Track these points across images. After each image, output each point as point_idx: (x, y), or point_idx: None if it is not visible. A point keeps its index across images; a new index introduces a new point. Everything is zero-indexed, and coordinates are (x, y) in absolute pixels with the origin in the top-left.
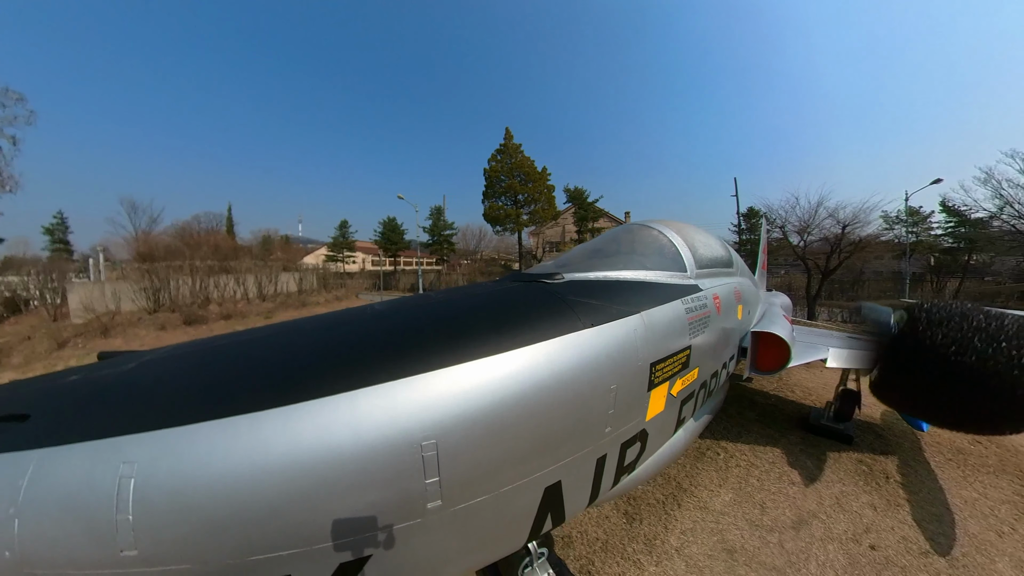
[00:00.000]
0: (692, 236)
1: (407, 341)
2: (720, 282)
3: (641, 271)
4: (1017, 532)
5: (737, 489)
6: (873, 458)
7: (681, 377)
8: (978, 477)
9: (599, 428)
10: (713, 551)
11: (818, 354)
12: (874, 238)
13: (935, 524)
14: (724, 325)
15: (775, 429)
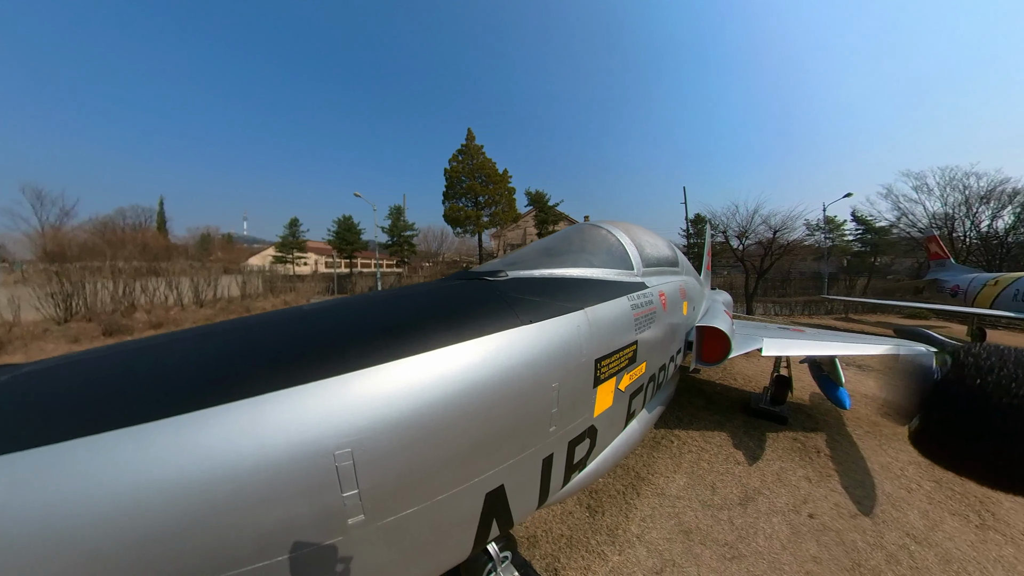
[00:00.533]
0: (639, 236)
1: (325, 342)
2: (666, 280)
3: (588, 269)
4: (922, 488)
5: (690, 473)
6: (805, 435)
7: (629, 372)
8: (891, 444)
9: (543, 427)
10: (671, 534)
11: (755, 344)
12: (799, 243)
13: (859, 489)
14: (670, 321)
15: (721, 415)
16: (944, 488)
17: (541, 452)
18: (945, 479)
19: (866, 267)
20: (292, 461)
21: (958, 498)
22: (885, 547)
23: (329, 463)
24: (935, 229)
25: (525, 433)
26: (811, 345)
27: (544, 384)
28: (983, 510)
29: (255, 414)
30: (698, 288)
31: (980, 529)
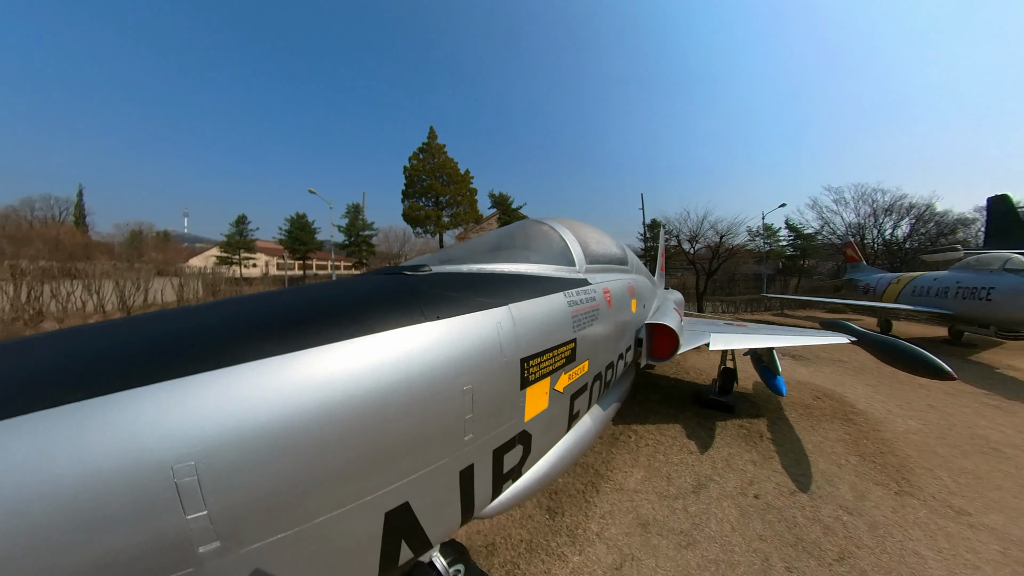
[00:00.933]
0: (585, 234)
1: (172, 342)
2: (613, 278)
3: (524, 265)
4: (849, 463)
5: (647, 466)
6: (750, 421)
7: (567, 371)
8: (821, 424)
9: (455, 436)
10: (630, 528)
11: (703, 339)
12: (742, 247)
13: (797, 467)
14: (617, 318)
15: (675, 408)
16: (867, 461)
17: (457, 463)
18: (868, 453)
19: (797, 269)
20: (122, 477)
21: (879, 469)
22: (822, 520)
23: (166, 478)
24: (850, 236)
25: (431, 443)
26: (753, 339)
27: (453, 387)
28: (900, 478)
29: (76, 424)
30: (649, 287)
31: (899, 495)
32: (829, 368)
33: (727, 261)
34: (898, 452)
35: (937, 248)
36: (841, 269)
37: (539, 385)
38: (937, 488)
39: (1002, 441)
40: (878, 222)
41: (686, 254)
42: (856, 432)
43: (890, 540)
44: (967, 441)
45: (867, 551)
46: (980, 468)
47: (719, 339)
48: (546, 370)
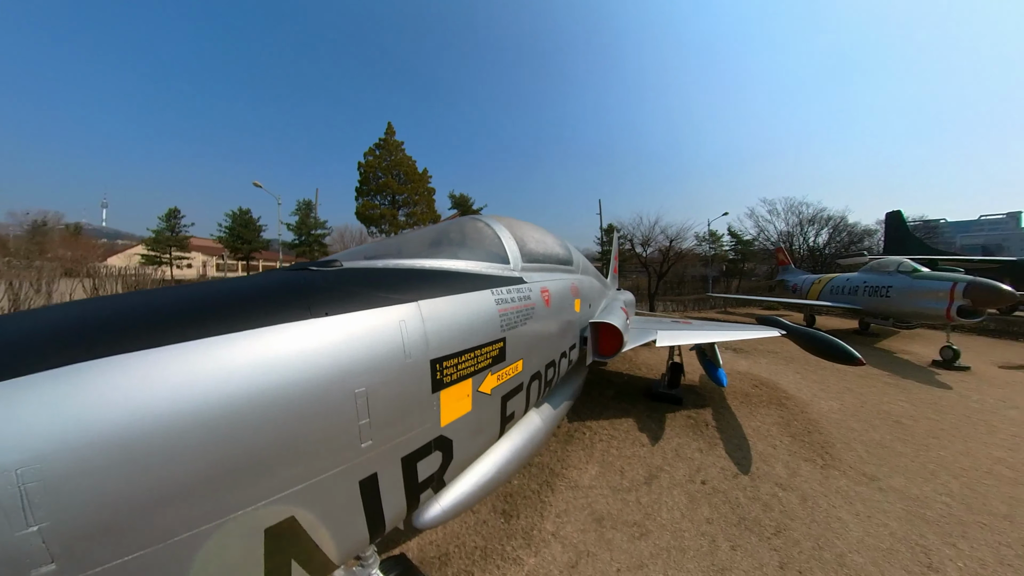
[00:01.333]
0: (525, 232)
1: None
2: (554, 277)
3: (451, 261)
4: (783, 443)
5: (601, 462)
6: (697, 412)
7: (496, 372)
8: (758, 410)
9: (349, 443)
10: (585, 525)
11: (650, 337)
12: (690, 251)
13: (738, 452)
14: (557, 317)
15: (628, 402)
16: (797, 440)
17: (355, 473)
18: (797, 433)
19: (738, 271)
20: None
21: (807, 447)
22: (761, 498)
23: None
24: (781, 243)
25: (318, 451)
26: (697, 335)
27: (342, 390)
28: (824, 452)
29: None
30: (597, 287)
31: (824, 468)
32: (765, 359)
33: (676, 264)
34: (822, 430)
35: (849, 253)
36: (774, 271)
37: (458, 388)
38: (853, 459)
39: (901, 414)
40: (803, 231)
41: (639, 257)
42: (788, 415)
43: (818, 510)
44: (875, 416)
45: (799, 522)
46: (885, 438)
47: (665, 336)
48: (466, 371)
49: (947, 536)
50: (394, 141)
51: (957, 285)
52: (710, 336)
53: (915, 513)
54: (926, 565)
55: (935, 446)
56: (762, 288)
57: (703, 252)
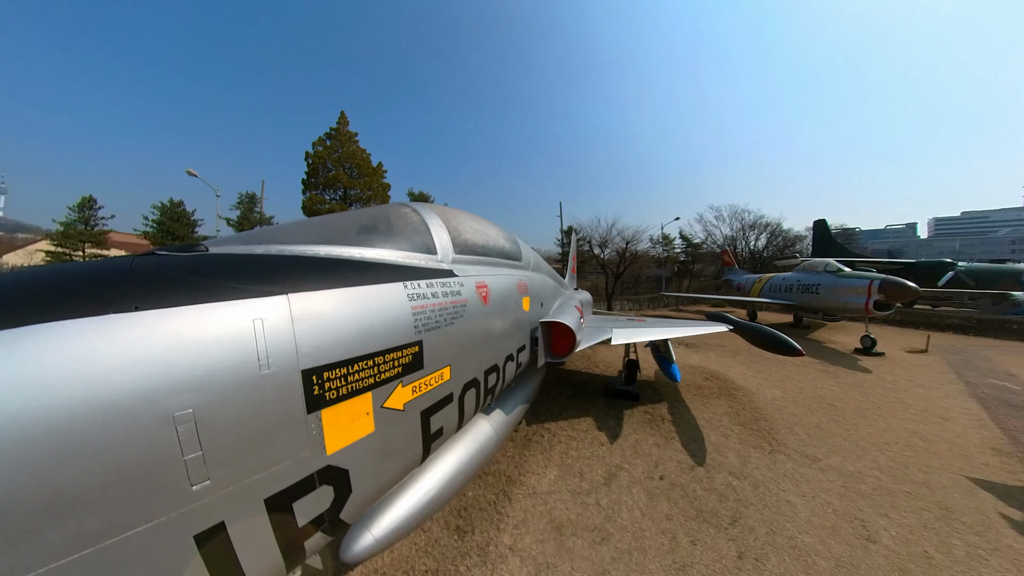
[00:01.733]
0: (462, 222)
1: None
2: (496, 272)
3: (353, 248)
4: (734, 432)
5: (560, 464)
6: (653, 407)
7: (410, 382)
8: (710, 401)
9: (168, 485)
10: (544, 534)
11: (606, 335)
12: (645, 253)
13: (693, 444)
14: (500, 317)
15: (587, 401)
16: (747, 429)
17: (186, 525)
18: (746, 422)
19: (688, 272)
20: None
21: (756, 434)
22: (716, 489)
23: None
24: (727, 245)
25: (117, 498)
26: (650, 332)
27: (153, 412)
28: (771, 438)
29: None
30: (551, 286)
31: (771, 454)
32: (715, 353)
33: (632, 265)
34: (768, 417)
35: (784, 256)
36: (720, 272)
37: (351, 404)
38: (796, 442)
39: (833, 397)
40: (746, 235)
41: (596, 258)
42: (737, 405)
43: (769, 495)
44: (811, 400)
45: (753, 509)
46: (821, 421)
47: (621, 334)
48: (362, 384)
49: (880, 507)
50: (347, 131)
51: (874, 282)
52: (663, 333)
53: (852, 488)
54: (865, 537)
55: (863, 424)
56: (710, 287)
57: (657, 254)
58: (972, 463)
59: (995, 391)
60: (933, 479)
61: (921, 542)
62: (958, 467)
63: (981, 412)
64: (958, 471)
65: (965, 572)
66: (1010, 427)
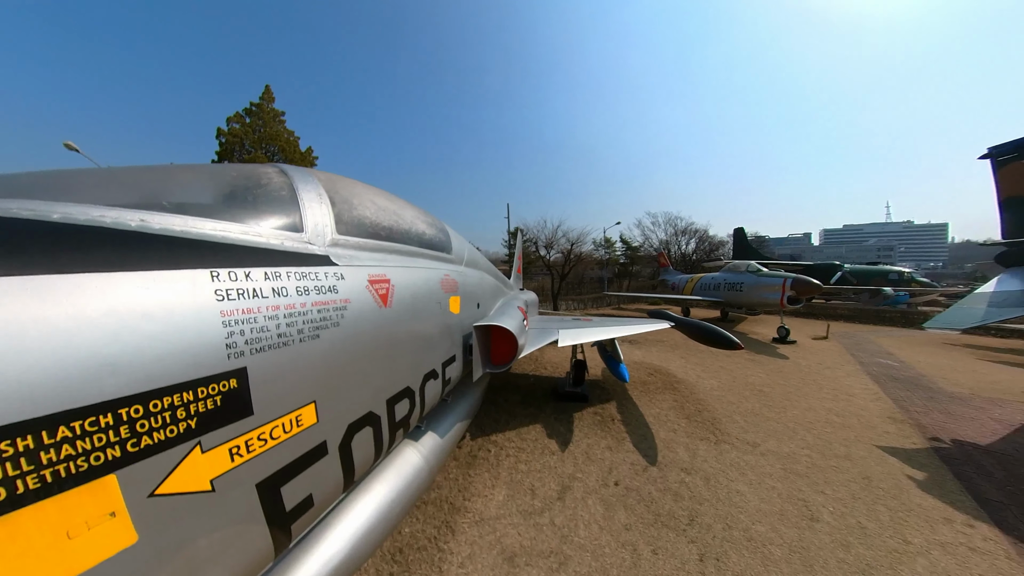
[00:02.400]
0: (356, 194)
1: None
2: (409, 263)
3: (140, 214)
4: (680, 426)
5: (510, 482)
6: (602, 407)
7: (225, 441)
8: (656, 397)
9: None
10: (495, 568)
11: (552, 337)
12: (589, 255)
13: (644, 443)
14: (412, 321)
15: (536, 406)
16: (692, 421)
17: None
18: (691, 414)
19: (628, 273)
20: None
21: (701, 426)
22: (671, 488)
23: None
24: (662, 248)
25: None
26: (597, 332)
27: None
28: (715, 429)
29: None
30: (490, 285)
31: (717, 444)
32: (656, 348)
33: (577, 266)
34: (709, 408)
35: (710, 258)
36: (657, 273)
37: (58, 506)
38: (737, 430)
39: (761, 384)
40: (678, 240)
41: (543, 259)
42: (681, 398)
43: (720, 488)
44: (744, 388)
45: (708, 505)
46: (755, 407)
47: (567, 335)
48: (87, 463)
49: (816, 484)
50: (271, 109)
51: (787, 280)
52: (609, 332)
53: (789, 469)
54: (809, 517)
55: (789, 407)
56: (647, 287)
57: (599, 256)
58: (877, 432)
59: (882, 368)
60: (852, 451)
61: (855, 514)
62: (868, 438)
63: (875, 387)
64: (869, 441)
65: (892, 535)
66: (898, 397)
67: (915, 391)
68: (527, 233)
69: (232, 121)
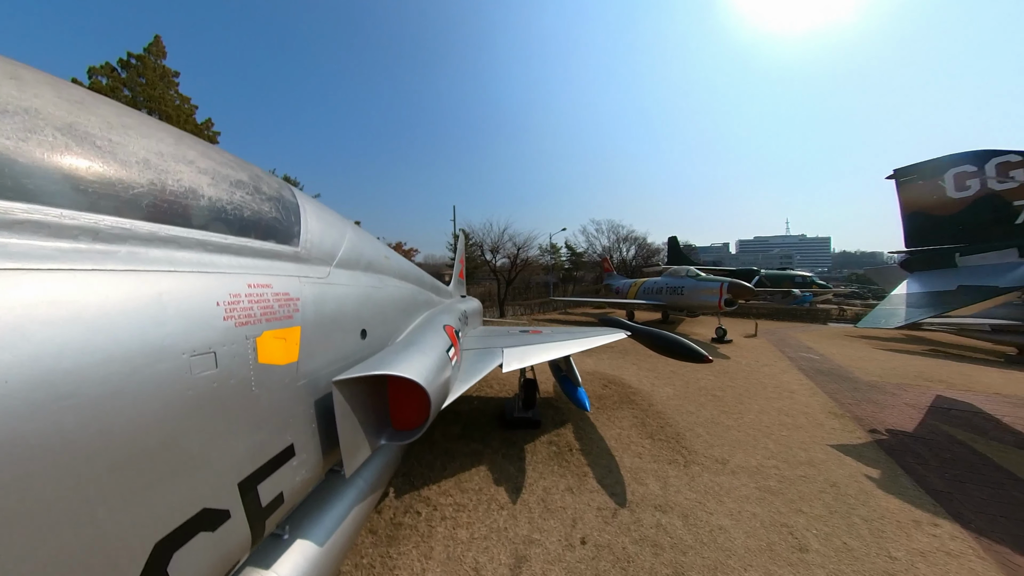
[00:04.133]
0: None
1: None
2: (141, 263)
3: None
4: (645, 449)
5: (446, 559)
6: (557, 433)
7: None
8: (615, 413)
9: None
10: None
11: (493, 361)
12: (535, 259)
13: (609, 476)
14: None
15: (479, 439)
16: (656, 441)
17: None
18: (654, 432)
19: (572, 278)
20: None
21: (666, 446)
22: (648, 536)
23: None
24: (606, 254)
25: None
26: (548, 349)
27: None
28: (680, 447)
29: None
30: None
31: (686, 467)
32: (607, 355)
33: (523, 271)
34: (671, 422)
35: (649, 264)
36: (600, 278)
37: None
38: (703, 445)
39: (712, 387)
40: (619, 246)
41: (488, 264)
42: (640, 413)
43: (701, 527)
44: (698, 394)
45: (693, 554)
46: (713, 414)
47: (513, 356)
48: None
49: (792, 503)
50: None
51: (724, 284)
52: (562, 348)
53: (763, 487)
54: (798, 548)
55: (744, 411)
56: (591, 291)
57: (545, 262)
58: (825, 430)
59: (808, 363)
60: (812, 455)
61: (837, 533)
62: (820, 437)
63: (808, 381)
64: (822, 441)
65: (878, 553)
66: (830, 391)
67: (841, 383)
68: (472, 236)
69: (97, 73)
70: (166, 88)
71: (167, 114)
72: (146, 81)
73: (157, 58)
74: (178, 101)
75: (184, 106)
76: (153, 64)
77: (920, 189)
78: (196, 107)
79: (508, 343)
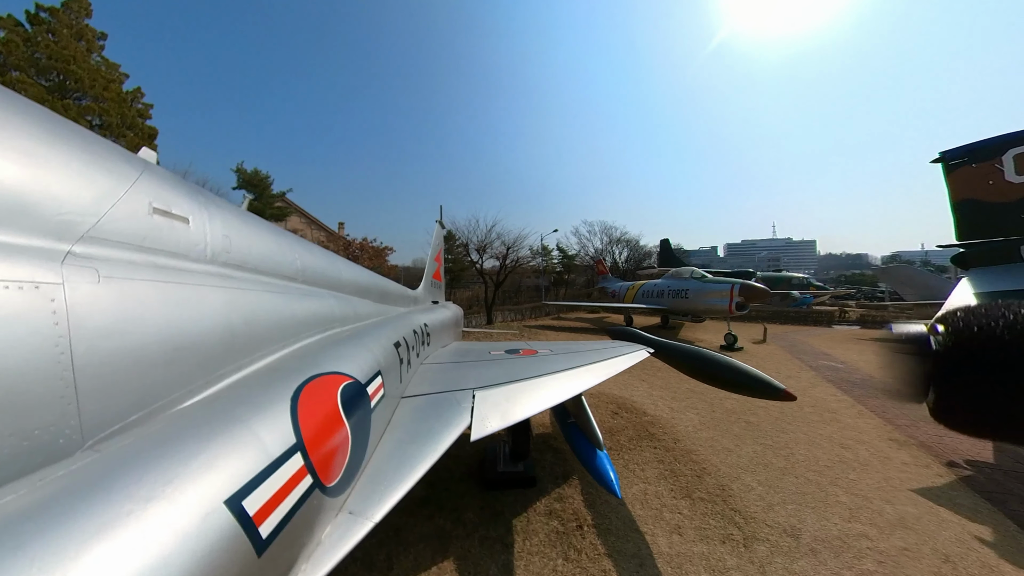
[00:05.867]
0: None
1: None
2: None
3: None
4: (685, 516)
5: None
6: (559, 495)
7: None
8: (634, 456)
9: None
10: None
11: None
12: (526, 262)
13: (641, 572)
14: None
15: (449, 510)
16: (696, 502)
17: None
18: (690, 488)
19: (563, 281)
20: None
21: (711, 510)
22: None
23: None
24: (599, 256)
25: None
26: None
27: None
28: (731, 511)
29: None
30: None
31: (747, 546)
32: None
33: (512, 274)
34: (708, 467)
35: (642, 267)
36: (592, 281)
37: None
38: (758, 504)
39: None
40: (612, 248)
41: (475, 265)
42: (665, 454)
43: None
44: (728, 421)
45: None
46: (757, 452)
47: (490, 404)
48: None
49: None
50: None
51: (735, 286)
52: (568, 382)
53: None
54: None
55: (790, 443)
56: (582, 295)
57: (536, 265)
58: (895, 466)
59: (833, 372)
60: (901, 511)
61: None
62: (896, 478)
63: (845, 396)
64: (900, 484)
65: None
66: (875, 408)
67: (881, 397)
68: (457, 235)
69: None
70: (85, 51)
71: (79, 76)
72: (56, 39)
73: (79, 16)
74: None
75: (108, 72)
76: (66, 19)
77: (973, 173)
78: (127, 75)
79: (484, 378)
